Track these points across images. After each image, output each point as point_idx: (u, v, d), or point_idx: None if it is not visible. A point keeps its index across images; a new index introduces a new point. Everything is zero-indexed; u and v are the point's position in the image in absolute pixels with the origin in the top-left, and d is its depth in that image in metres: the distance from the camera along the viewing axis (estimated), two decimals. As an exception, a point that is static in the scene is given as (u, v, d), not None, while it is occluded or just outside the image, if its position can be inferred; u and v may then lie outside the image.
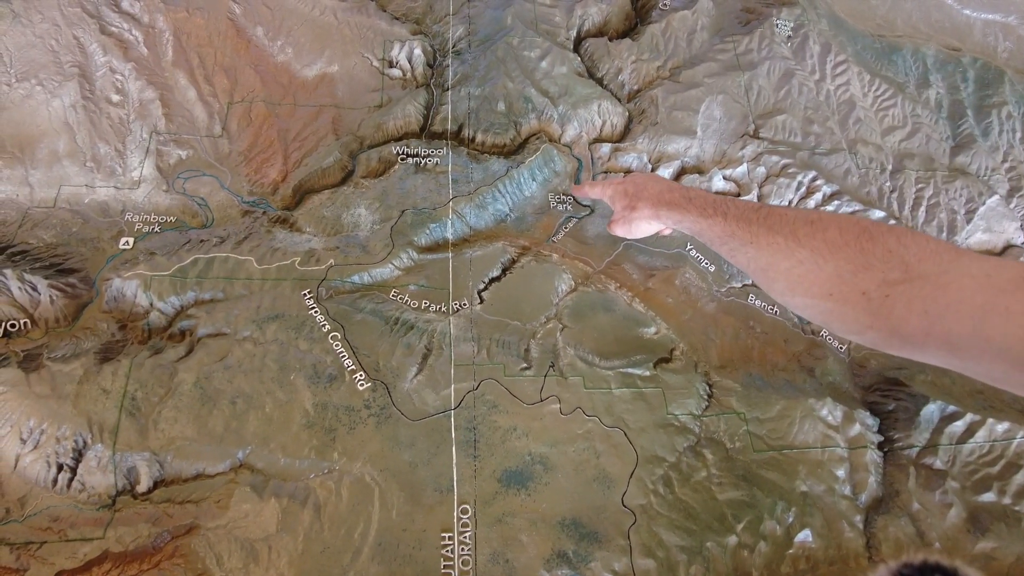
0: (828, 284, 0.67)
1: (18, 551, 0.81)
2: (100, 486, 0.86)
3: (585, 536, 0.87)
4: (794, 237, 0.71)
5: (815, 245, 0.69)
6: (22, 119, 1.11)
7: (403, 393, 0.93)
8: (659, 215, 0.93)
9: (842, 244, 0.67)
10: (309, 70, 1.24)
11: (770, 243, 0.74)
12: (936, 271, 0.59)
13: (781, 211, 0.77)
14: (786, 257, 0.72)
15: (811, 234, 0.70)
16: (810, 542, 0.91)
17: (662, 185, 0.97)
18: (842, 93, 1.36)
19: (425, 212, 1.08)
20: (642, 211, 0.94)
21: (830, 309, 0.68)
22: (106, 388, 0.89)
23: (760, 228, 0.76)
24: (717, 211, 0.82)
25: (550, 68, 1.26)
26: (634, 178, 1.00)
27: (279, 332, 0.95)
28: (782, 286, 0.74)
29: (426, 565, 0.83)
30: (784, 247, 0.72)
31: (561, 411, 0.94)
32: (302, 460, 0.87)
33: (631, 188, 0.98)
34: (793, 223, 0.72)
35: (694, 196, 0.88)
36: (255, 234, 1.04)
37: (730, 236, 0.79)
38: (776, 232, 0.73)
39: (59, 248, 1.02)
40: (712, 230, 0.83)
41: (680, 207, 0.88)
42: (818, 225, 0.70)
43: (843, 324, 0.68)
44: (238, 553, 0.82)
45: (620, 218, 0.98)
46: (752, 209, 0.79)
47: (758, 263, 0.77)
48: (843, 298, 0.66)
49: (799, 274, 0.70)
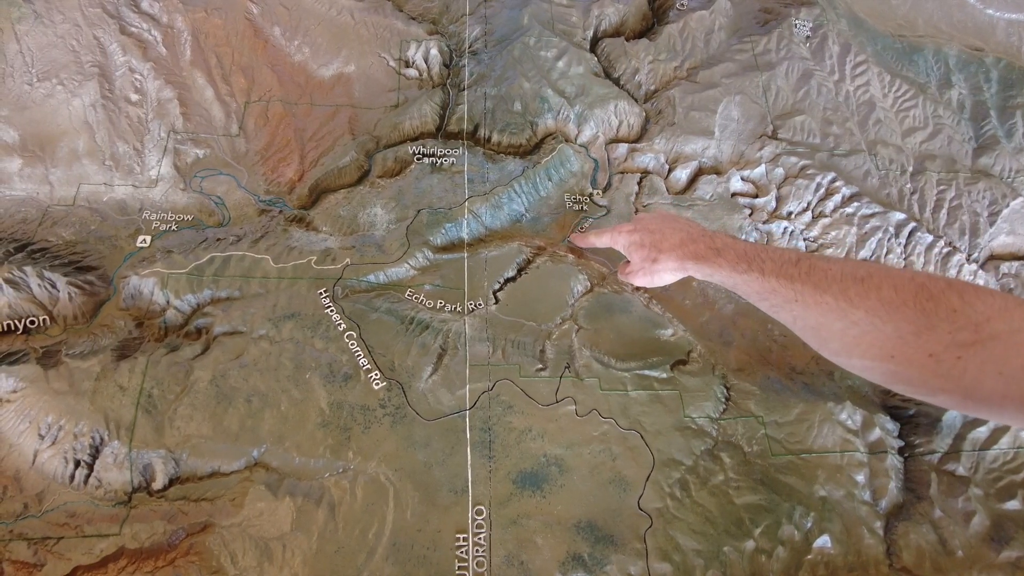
0: (889, 345, 0.64)
1: (35, 546, 0.82)
2: (116, 483, 0.86)
3: (601, 539, 0.86)
4: (845, 297, 0.68)
5: (870, 305, 0.66)
6: (43, 118, 1.12)
7: (418, 393, 0.93)
8: (685, 268, 0.88)
9: (899, 304, 0.64)
10: (326, 70, 1.25)
11: (819, 302, 0.70)
12: (1007, 329, 0.57)
13: (823, 265, 0.73)
14: (839, 318, 0.68)
15: (864, 294, 0.67)
16: (829, 548, 0.89)
17: (682, 233, 0.90)
18: (862, 94, 1.34)
19: (441, 212, 1.08)
20: (665, 263, 0.89)
21: (893, 371, 0.65)
22: (123, 385, 0.89)
23: (804, 286, 0.72)
24: (752, 266, 0.78)
25: (567, 68, 1.25)
26: (646, 224, 0.94)
27: (295, 331, 0.95)
28: (836, 347, 0.71)
29: (440, 566, 0.82)
30: (835, 307, 0.69)
31: (577, 413, 0.94)
32: (317, 459, 0.87)
33: (647, 238, 0.92)
34: (841, 281, 0.69)
35: (721, 246, 0.84)
36: (271, 233, 1.04)
37: (770, 293, 0.76)
38: (824, 291, 0.70)
39: (78, 246, 1.03)
40: (749, 286, 0.80)
41: (709, 260, 0.84)
42: (870, 284, 0.67)
43: (910, 386, 0.66)
44: (252, 551, 0.82)
45: (639, 269, 0.93)
46: (790, 262, 0.76)
47: (806, 322, 0.74)
48: (907, 360, 0.63)
49: (855, 335, 0.67)
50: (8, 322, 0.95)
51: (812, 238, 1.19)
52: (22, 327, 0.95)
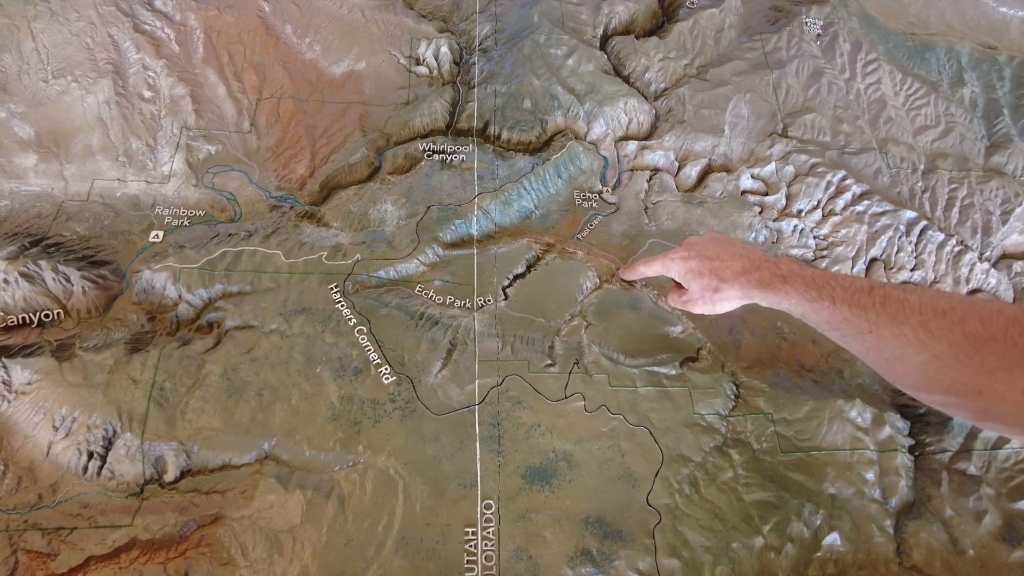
0: (976, 381, 0.60)
1: (49, 536, 0.83)
2: (129, 474, 0.87)
3: (609, 534, 0.86)
4: (926, 330, 0.64)
5: (954, 339, 0.62)
6: (58, 115, 1.13)
7: (427, 388, 0.93)
8: (750, 296, 0.85)
9: (987, 338, 0.60)
10: (337, 67, 1.25)
11: (896, 335, 0.67)
12: None
13: (899, 295, 0.69)
14: (918, 351, 0.65)
15: (947, 327, 0.63)
16: (838, 545, 0.89)
17: (743, 259, 0.86)
18: (873, 92, 1.33)
19: (451, 208, 1.08)
20: (728, 291, 0.85)
21: (983, 408, 0.61)
22: (135, 378, 0.90)
23: (880, 316, 0.68)
24: (822, 294, 0.75)
25: (576, 66, 1.26)
26: (702, 250, 0.90)
27: (306, 325, 0.95)
28: (915, 380, 0.67)
29: (449, 560, 0.83)
30: (915, 340, 0.65)
31: (585, 408, 0.94)
32: (327, 452, 0.87)
33: (706, 266, 0.87)
34: (921, 313, 0.65)
35: (788, 273, 0.80)
36: (283, 228, 1.04)
37: (842, 322, 0.73)
38: (901, 322, 0.66)
39: (91, 240, 1.04)
40: (819, 315, 0.76)
41: (775, 288, 0.80)
42: (953, 316, 0.63)
43: (1001, 424, 0.62)
44: (263, 544, 0.82)
45: (699, 298, 0.89)
46: (862, 290, 0.72)
47: (881, 354, 0.70)
48: (999, 397, 0.59)
49: (937, 369, 0.64)
50: (23, 315, 0.96)
51: (822, 236, 1.18)
52: (37, 320, 0.96)
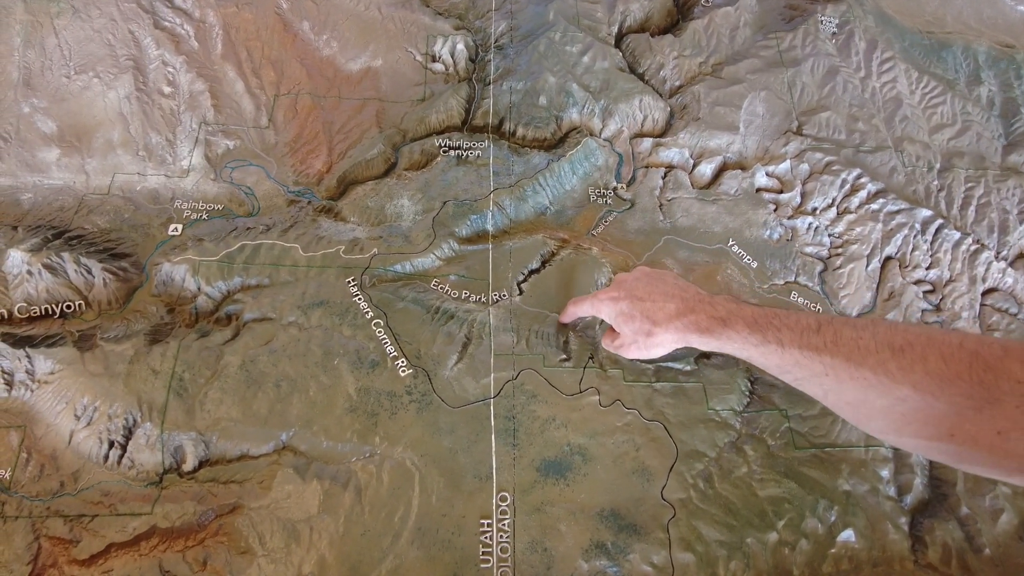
0: (947, 424, 0.57)
1: (71, 523, 0.84)
2: (148, 464, 0.88)
3: (624, 528, 0.86)
4: (885, 371, 0.60)
5: (916, 380, 0.58)
6: (79, 110, 1.15)
7: (443, 380, 0.94)
8: (687, 340, 0.80)
9: (952, 376, 0.56)
10: (354, 64, 1.26)
11: (855, 377, 0.63)
12: None
13: (851, 334, 0.65)
14: (881, 395, 0.61)
15: (907, 367, 0.59)
16: (853, 542, 0.89)
17: (676, 300, 0.81)
18: (888, 90, 1.33)
19: (466, 204, 1.09)
20: (662, 336, 0.81)
21: (957, 452, 0.58)
22: (155, 368, 0.91)
23: (835, 359, 0.65)
24: (767, 337, 0.71)
25: (592, 63, 1.26)
26: (632, 290, 0.85)
27: (323, 318, 0.96)
28: (882, 425, 0.64)
29: (465, 551, 0.83)
30: (876, 383, 0.61)
31: (600, 403, 0.94)
32: (344, 443, 0.88)
33: (637, 308, 0.83)
34: (877, 352, 0.62)
35: (726, 315, 0.76)
36: (300, 223, 1.05)
37: (793, 366, 0.69)
38: (859, 364, 0.63)
39: (112, 233, 1.05)
40: (766, 359, 0.72)
41: (714, 333, 0.76)
42: (912, 354, 0.59)
43: (978, 466, 0.59)
44: (280, 533, 0.83)
45: (632, 343, 0.85)
46: (810, 329, 0.68)
47: (841, 398, 0.67)
48: (971, 440, 0.56)
49: (903, 413, 0.60)
50: (46, 306, 0.97)
51: (837, 234, 1.18)
52: (59, 311, 0.98)
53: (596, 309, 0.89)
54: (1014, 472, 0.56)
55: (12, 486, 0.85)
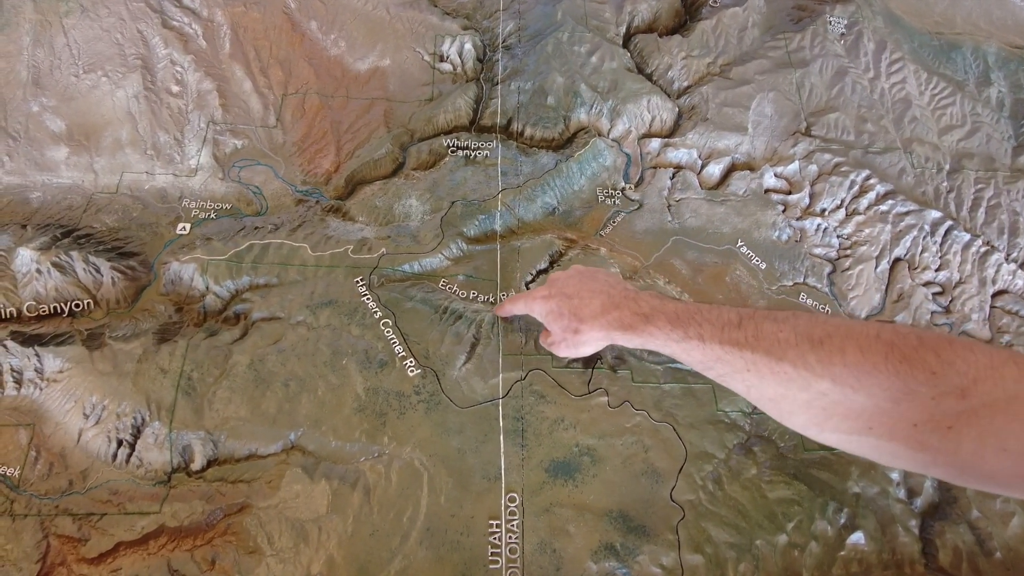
0: (865, 417, 0.57)
1: (80, 522, 0.84)
2: (156, 462, 0.88)
3: (633, 529, 0.86)
4: (805, 365, 0.60)
5: (836, 372, 0.58)
6: (88, 109, 1.15)
7: (452, 380, 0.93)
8: (612, 338, 0.79)
9: (870, 368, 0.56)
10: (362, 64, 1.26)
11: (775, 372, 0.62)
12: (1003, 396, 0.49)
13: (771, 328, 0.65)
14: (802, 388, 0.61)
15: (826, 360, 0.59)
16: (863, 544, 0.89)
17: (602, 296, 0.81)
18: (897, 91, 1.33)
19: (474, 204, 1.08)
20: (589, 334, 0.81)
21: (875, 445, 0.58)
22: (164, 367, 0.91)
23: (755, 353, 0.64)
24: (689, 332, 0.70)
25: (600, 63, 1.26)
26: (562, 288, 0.85)
27: (332, 318, 0.96)
28: (804, 420, 0.63)
29: (474, 551, 0.83)
30: (796, 377, 0.61)
31: (609, 404, 0.94)
32: (353, 443, 0.88)
33: (566, 305, 0.83)
34: (797, 346, 0.61)
35: (649, 311, 0.76)
36: (309, 222, 1.05)
37: (716, 362, 0.69)
38: (779, 358, 0.62)
39: (120, 232, 1.05)
40: (689, 355, 0.72)
41: (637, 329, 0.75)
42: (830, 347, 0.59)
43: (897, 460, 0.58)
44: (288, 533, 0.83)
45: (561, 341, 0.85)
46: (731, 324, 0.68)
47: (763, 393, 0.65)
48: (888, 433, 0.56)
49: (823, 407, 0.60)
50: (55, 304, 0.97)
51: (846, 235, 1.18)
52: (68, 310, 0.98)
53: (529, 307, 0.89)
54: (929, 466, 0.55)
55: (21, 484, 0.85)
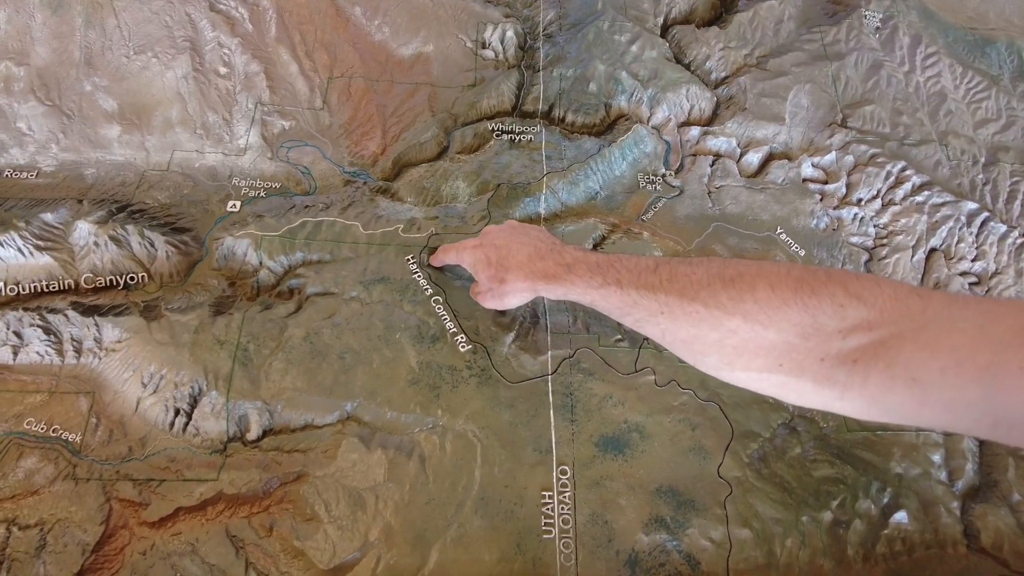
0: (775, 354, 0.58)
1: (140, 487, 0.86)
2: (213, 431, 0.89)
3: (682, 504, 0.87)
4: (716, 303, 0.61)
5: (746, 310, 0.58)
6: (139, 89, 1.17)
7: (501, 357, 0.95)
8: (536, 288, 0.81)
9: (779, 303, 0.57)
10: (405, 49, 1.28)
11: (688, 312, 0.63)
12: (911, 327, 0.50)
13: (685, 270, 0.66)
14: (713, 327, 0.61)
15: (738, 297, 0.59)
16: (906, 524, 0.90)
17: (528, 248, 0.82)
18: (932, 85, 1.34)
19: (520, 186, 1.10)
20: (513, 284, 0.82)
21: (783, 382, 0.59)
22: (220, 339, 0.93)
23: (669, 295, 0.65)
24: (608, 279, 0.71)
25: (640, 52, 1.27)
26: (493, 239, 0.87)
27: (384, 294, 0.98)
28: (715, 361, 0.64)
29: (527, 522, 0.85)
30: (707, 316, 0.61)
31: (656, 383, 0.95)
32: (407, 414, 0.90)
33: (493, 255, 0.84)
34: (709, 285, 0.62)
35: (572, 261, 0.77)
36: (358, 202, 1.07)
37: (632, 306, 0.69)
38: (691, 299, 0.63)
39: (172, 208, 1.07)
40: (607, 301, 0.73)
41: (559, 278, 0.77)
42: (741, 285, 0.60)
43: (804, 396, 0.59)
44: (345, 501, 0.85)
45: (487, 291, 0.87)
46: (648, 269, 0.69)
47: (677, 336, 0.66)
48: (797, 369, 0.57)
49: (734, 345, 0.60)
50: (111, 277, 0.99)
51: (882, 225, 1.19)
52: (123, 283, 1.00)
53: (459, 257, 0.91)
54: (835, 401, 0.56)
55: (83, 450, 0.87)
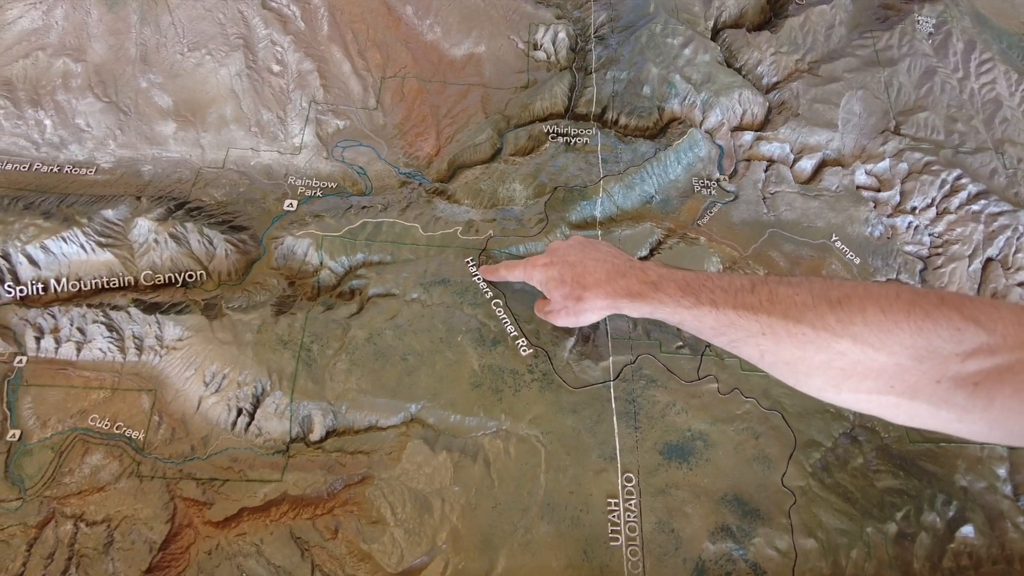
0: (886, 376, 0.57)
1: (203, 486, 0.86)
2: (275, 432, 0.89)
3: (748, 513, 0.87)
4: (824, 325, 0.59)
5: (856, 332, 0.57)
6: (194, 86, 1.17)
7: (563, 361, 0.95)
8: (618, 306, 0.79)
9: (891, 326, 0.56)
10: (457, 50, 1.28)
11: (793, 334, 0.62)
12: None
13: (786, 291, 0.64)
14: (820, 349, 0.60)
15: (846, 319, 0.58)
16: (972, 538, 0.89)
17: (607, 264, 0.80)
18: (987, 92, 1.33)
19: (576, 190, 1.10)
20: (592, 302, 0.80)
21: (894, 403, 0.58)
22: (284, 339, 0.93)
23: (772, 317, 0.63)
24: (701, 299, 0.70)
25: (693, 56, 1.27)
26: (564, 256, 0.85)
27: (445, 296, 0.97)
28: (820, 382, 0.63)
29: (594, 529, 0.84)
30: (815, 338, 0.60)
31: (719, 391, 0.95)
32: (471, 417, 0.89)
33: (568, 273, 0.82)
34: (815, 307, 0.61)
35: (657, 279, 0.75)
36: (415, 203, 1.07)
37: (729, 327, 0.68)
38: (797, 320, 0.61)
39: (229, 206, 1.07)
40: (700, 321, 0.71)
41: (646, 297, 0.75)
42: (850, 306, 0.59)
43: (918, 419, 0.59)
44: (412, 503, 0.84)
45: (561, 309, 0.84)
46: (745, 290, 0.68)
47: (779, 357, 0.65)
48: (911, 391, 0.56)
49: (842, 367, 0.60)
50: (169, 275, 0.99)
51: (937, 234, 1.18)
52: (181, 281, 1.00)
53: (528, 276, 0.89)
54: (952, 423, 0.56)
55: (146, 447, 0.87)
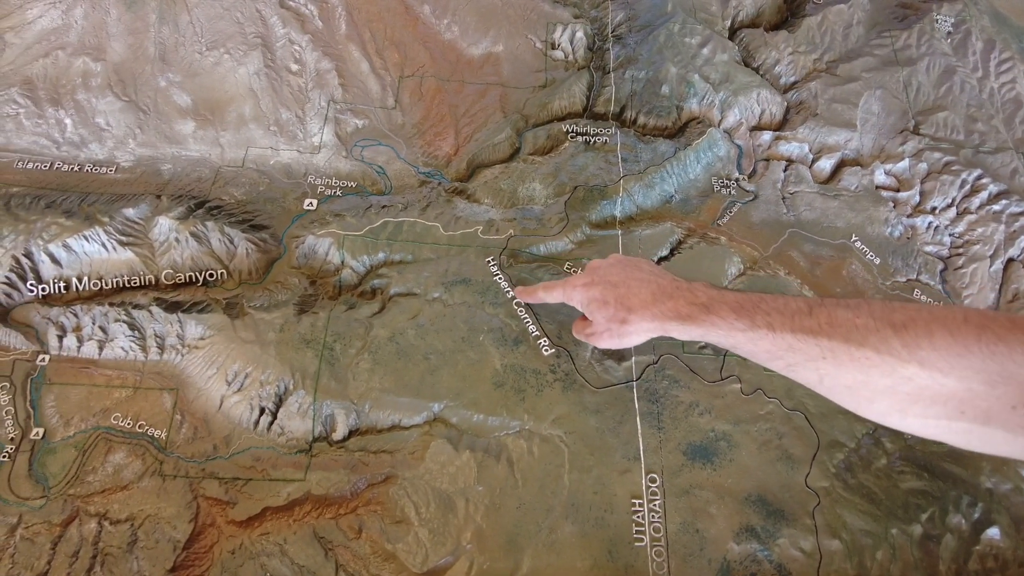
0: (956, 401, 0.54)
1: (226, 485, 0.86)
2: (298, 431, 0.89)
3: (772, 513, 0.87)
4: (889, 350, 0.57)
5: (923, 356, 0.55)
6: (212, 84, 1.17)
7: (585, 361, 0.94)
8: (666, 329, 0.75)
9: (961, 350, 0.53)
10: (475, 49, 1.27)
11: (856, 358, 0.59)
12: None
13: (845, 312, 0.62)
14: (885, 374, 0.57)
15: (912, 344, 0.56)
16: (998, 540, 0.89)
17: (652, 286, 0.77)
18: (1007, 91, 1.32)
19: (597, 189, 1.09)
20: (639, 324, 0.76)
21: (966, 429, 0.56)
22: (306, 338, 0.93)
23: (833, 341, 0.61)
24: (756, 322, 0.67)
25: (711, 55, 1.26)
26: (606, 276, 0.81)
27: (466, 295, 0.97)
28: (884, 407, 0.60)
29: (618, 529, 0.84)
30: (879, 362, 0.57)
31: (742, 391, 0.94)
32: (494, 417, 0.89)
33: (611, 294, 0.78)
34: (879, 330, 0.58)
35: (707, 300, 0.72)
36: (435, 203, 1.07)
37: (787, 351, 0.65)
38: (860, 344, 0.59)
39: (248, 205, 1.07)
40: (755, 344, 0.68)
41: (696, 319, 0.71)
42: (916, 331, 0.56)
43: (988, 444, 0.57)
44: (436, 503, 0.84)
45: (605, 331, 0.80)
46: (802, 313, 0.64)
47: (839, 381, 0.62)
48: (983, 417, 0.54)
49: (909, 392, 0.57)
50: (190, 274, 0.99)
51: (957, 234, 1.18)
52: (202, 279, 1.00)
53: (568, 297, 0.85)
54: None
55: (168, 446, 0.87)
